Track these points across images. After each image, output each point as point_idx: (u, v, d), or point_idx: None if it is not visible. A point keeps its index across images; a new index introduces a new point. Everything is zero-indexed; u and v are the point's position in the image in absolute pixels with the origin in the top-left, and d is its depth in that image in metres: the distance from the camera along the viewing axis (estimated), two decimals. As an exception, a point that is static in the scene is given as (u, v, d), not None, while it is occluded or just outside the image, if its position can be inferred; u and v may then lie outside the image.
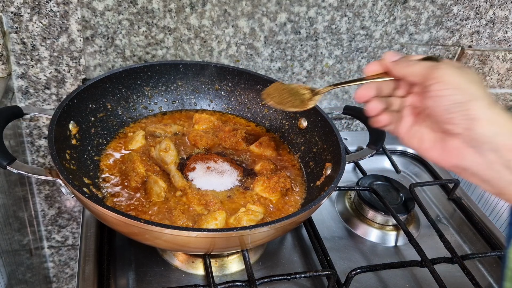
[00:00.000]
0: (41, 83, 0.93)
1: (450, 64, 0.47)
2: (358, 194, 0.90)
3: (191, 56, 0.98)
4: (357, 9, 1.00)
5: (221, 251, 0.69)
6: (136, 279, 0.68)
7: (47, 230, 1.18)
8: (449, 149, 0.48)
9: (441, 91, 0.46)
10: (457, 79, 0.46)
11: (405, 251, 0.84)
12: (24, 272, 1.02)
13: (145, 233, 0.56)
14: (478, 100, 0.44)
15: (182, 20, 0.93)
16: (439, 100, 0.47)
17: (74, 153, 0.72)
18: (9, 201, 0.91)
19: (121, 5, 0.88)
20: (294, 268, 0.75)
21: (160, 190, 0.71)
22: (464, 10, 1.08)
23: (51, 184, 1.08)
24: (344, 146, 0.74)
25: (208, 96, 0.95)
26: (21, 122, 0.98)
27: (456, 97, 0.45)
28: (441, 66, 0.47)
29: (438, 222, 0.92)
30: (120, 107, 0.85)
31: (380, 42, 1.07)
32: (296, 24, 0.99)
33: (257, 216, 0.69)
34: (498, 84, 1.22)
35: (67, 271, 1.29)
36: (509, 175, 0.44)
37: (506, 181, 0.45)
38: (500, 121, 0.44)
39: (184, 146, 0.84)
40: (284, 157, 0.86)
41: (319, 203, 0.62)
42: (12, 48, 0.87)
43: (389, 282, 0.76)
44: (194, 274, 0.71)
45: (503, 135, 0.44)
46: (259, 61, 1.03)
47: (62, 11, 0.86)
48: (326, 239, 0.79)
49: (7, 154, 0.62)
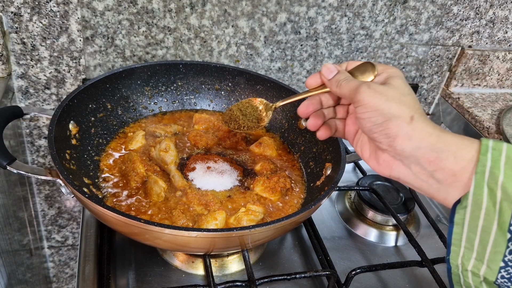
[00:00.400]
0: (41, 83, 0.93)
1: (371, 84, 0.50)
2: (358, 194, 0.90)
3: (191, 56, 0.98)
4: (357, 9, 1.00)
5: (221, 251, 0.69)
6: (136, 279, 0.68)
7: (47, 230, 1.18)
8: (381, 161, 0.52)
9: (362, 114, 0.49)
10: (375, 101, 0.48)
11: (405, 251, 0.84)
12: (24, 272, 1.02)
13: (145, 233, 0.56)
14: (395, 119, 0.47)
15: (182, 20, 0.93)
16: (362, 121, 0.50)
17: (74, 153, 0.72)
18: (9, 201, 0.91)
19: (121, 5, 0.88)
20: (294, 268, 0.75)
21: (160, 190, 0.71)
22: (464, 10, 1.08)
23: (51, 184, 1.08)
24: (344, 146, 0.74)
25: (208, 96, 0.95)
26: (21, 122, 0.98)
27: (375, 118, 0.48)
28: (361, 89, 0.49)
29: (438, 222, 0.92)
30: (120, 107, 0.85)
31: (380, 42, 1.07)
32: (296, 24, 0.99)
33: (257, 216, 0.69)
34: (498, 84, 1.22)
35: (67, 271, 1.29)
36: (435, 184, 0.47)
37: (434, 189, 0.47)
38: (419, 136, 0.47)
39: (184, 146, 0.84)
40: (284, 157, 0.86)
41: (319, 203, 0.62)
42: (12, 48, 0.87)
43: (389, 282, 0.76)
44: (194, 274, 0.71)
45: (422, 148, 0.46)
46: (259, 61, 1.03)
47: (62, 11, 0.86)
48: (326, 239, 0.79)
49: (7, 154, 0.62)
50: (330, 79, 0.55)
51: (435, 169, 0.46)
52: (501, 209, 0.42)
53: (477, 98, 1.19)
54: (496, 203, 0.42)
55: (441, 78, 1.20)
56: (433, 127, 0.47)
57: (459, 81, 1.19)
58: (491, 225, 0.43)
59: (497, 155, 0.42)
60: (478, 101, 1.17)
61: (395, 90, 0.49)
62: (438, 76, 1.19)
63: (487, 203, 0.42)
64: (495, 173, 0.42)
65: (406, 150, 0.47)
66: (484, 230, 0.43)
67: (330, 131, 0.60)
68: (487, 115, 1.11)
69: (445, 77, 1.19)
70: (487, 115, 1.11)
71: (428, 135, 0.46)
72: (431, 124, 0.47)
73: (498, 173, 0.42)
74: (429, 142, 0.46)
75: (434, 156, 0.46)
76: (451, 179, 0.45)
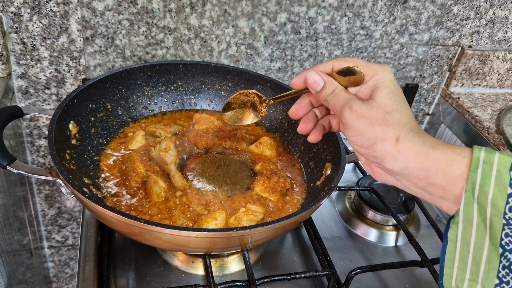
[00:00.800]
0: (41, 83, 0.93)
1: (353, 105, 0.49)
2: (358, 194, 0.90)
3: (191, 56, 0.98)
4: (357, 9, 1.00)
5: (221, 251, 0.69)
6: (136, 279, 0.68)
7: (47, 230, 1.18)
8: (374, 171, 0.53)
9: (348, 136, 0.50)
10: (359, 125, 0.48)
11: (405, 251, 0.84)
12: (24, 272, 1.02)
13: (145, 233, 0.56)
14: (379, 143, 0.47)
15: (182, 20, 0.93)
16: (350, 143, 0.51)
17: (74, 153, 0.72)
18: (9, 201, 0.91)
19: (121, 5, 0.88)
20: (294, 268, 0.75)
21: (160, 190, 0.71)
22: (464, 10, 1.08)
23: (51, 184, 1.08)
24: (344, 146, 0.74)
25: (208, 96, 0.95)
26: (21, 122, 0.98)
27: (361, 142, 0.49)
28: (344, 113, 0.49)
29: (438, 222, 0.92)
30: (120, 107, 0.85)
31: (380, 42, 1.07)
32: (296, 24, 0.99)
33: (257, 216, 0.69)
34: (498, 84, 1.22)
35: (67, 271, 1.29)
36: (428, 195, 0.47)
37: (427, 198, 0.48)
38: (406, 157, 0.46)
39: (184, 146, 0.84)
40: (284, 157, 0.86)
41: (319, 203, 0.62)
42: (12, 48, 0.87)
43: (389, 282, 0.76)
44: (194, 274, 0.71)
45: (411, 168, 0.46)
46: (259, 61, 1.03)
47: (62, 11, 0.86)
48: (326, 239, 0.79)
49: (7, 154, 0.62)
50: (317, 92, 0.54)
51: (425, 185, 0.46)
52: (491, 225, 0.42)
53: (477, 98, 1.19)
54: (487, 219, 0.42)
55: (441, 78, 1.20)
56: (421, 145, 0.46)
57: (459, 81, 1.19)
58: (483, 241, 0.42)
59: (487, 170, 0.42)
60: (478, 101, 1.17)
61: (379, 109, 0.48)
62: (438, 76, 1.19)
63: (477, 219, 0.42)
64: (485, 189, 0.42)
65: (395, 169, 0.48)
66: (476, 247, 0.43)
67: (321, 133, 0.59)
68: (487, 115, 1.11)
69: (445, 77, 1.19)
70: (487, 115, 1.11)
71: (415, 155, 0.46)
72: (418, 141, 0.46)
73: (488, 189, 0.42)
74: (416, 162, 0.46)
75: (423, 174, 0.46)
76: (442, 192, 0.45)
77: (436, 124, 1.25)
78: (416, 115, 1.25)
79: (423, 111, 1.25)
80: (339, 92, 0.52)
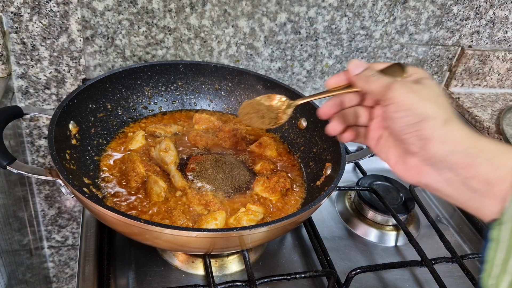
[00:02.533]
0: (41, 83, 0.93)
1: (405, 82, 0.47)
2: (358, 194, 0.90)
3: (191, 56, 0.98)
4: (357, 9, 1.00)
5: (221, 251, 0.69)
6: (136, 279, 0.68)
7: (47, 230, 1.18)
8: (409, 166, 0.48)
9: (394, 113, 0.46)
10: (409, 99, 0.45)
11: (405, 251, 0.84)
12: (24, 272, 1.02)
13: (145, 233, 0.56)
14: (429, 120, 0.44)
15: (182, 20, 0.93)
16: (393, 121, 0.47)
17: (74, 153, 0.72)
18: (9, 201, 0.91)
19: (121, 5, 0.88)
20: (294, 268, 0.75)
21: (160, 190, 0.71)
22: (464, 10, 1.08)
23: (51, 184, 1.08)
24: (344, 146, 0.74)
25: (208, 96, 0.95)
26: (21, 122, 0.98)
27: (408, 118, 0.45)
28: (394, 86, 0.46)
29: (438, 222, 0.92)
30: (120, 107, 0.85)
31: (380, 42, 1.07)
32: (296, 24, 0.99)
33: (257, 216, 0.69)
34: (498, 84, 1.22)
35: (67, 271, 1.29)
36: (469, 193, 0.44)
37: (466, 198, 0.44)
38: (454, 139, 0.44)
39: (184, 146, 0.84)
40: (284, 157, 0.86)
41: (319, 203, 0.62)
42: (12, 48, 0.87)
43: (389, 282, 0.76)
44: (194, 274, 0.71)
45: (457, 153, 0.43)
46: (259, 61, 1.03)
47: (62, 11, 0.86)
48: (326, 239, 0.79)
49: (7, 154, 0.62)
50: (358, 74, 0.51)
51: (469, 176, 0.43)
52: None
53: (477, 98, 1.19)
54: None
55: (441, 78, 1.20)
56: (469, 131, 0.44)
57: (459, 81, 1.19)
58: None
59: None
60: (478, 101, 1.17)
61: (430, 90, 0.46)
62: (438, 76, 1.19)
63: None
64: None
65: (439, 154, 0.44)
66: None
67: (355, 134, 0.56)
68: (487, 115, 1.11)
69: (445, 77, 1.19)
70: (487, 115, 1.11)
71: (463, 139, 0.43)
72: (467, 128, 0.44)
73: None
74: (464, 146, 0.43)
75: (468, 162, 0.43)
76: (486, 188, 0.42)
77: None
78: (416, 115, 1.25)
79: (423, 111, 1.25)
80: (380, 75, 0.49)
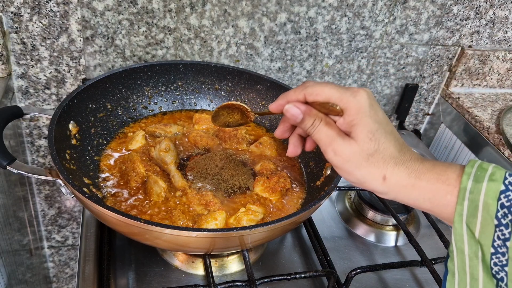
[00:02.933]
0: (41, 83, 0.93)
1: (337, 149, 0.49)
2: (358, 194, 0.90)
3: (191, 56, 0.98)
4: (357, 9, 1.00)
5: (221, 251, 0.69)
6: (136, 279, 0.68)
7: (47, 230, 1.18)
8: None
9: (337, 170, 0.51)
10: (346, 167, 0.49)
11: (405, 251, 0.84)
12: (24, 272, 1.02)
13: (145, 233, 0.56)
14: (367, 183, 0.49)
15: (182, 20, 0.93)
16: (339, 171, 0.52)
17: (74, 153, 0.72)
18: (9, 201, 0.91)
19: (121, 5, 0.88)
20: (294, 268, 0.75)
21: (160, 190, 0.71)
22: (464, 10, 1.08)
23: (51, 184, 1.08)
24: (344, 146, 0.74)
25: (208, 96, 0.95)
26: (21, 122, 0.98)
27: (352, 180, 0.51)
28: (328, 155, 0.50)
29: (438, 222, 0.92)
30: (120, 107, 0.85)
31: (380, 42, 1.07)
32: (296, 24, 0.99)
33: (257, 216, 0.69)
34: (498, 84, 1.22)
35: (67, 271, 1.29)
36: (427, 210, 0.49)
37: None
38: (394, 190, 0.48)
39: (184, 146, 0.84)
40: (284, 157, 0.86)
41: (319, 203, 0.62)
42: (12, 48, 0.87)
43: (389, 282, 0.76)
44: (194, 274, 0.71)
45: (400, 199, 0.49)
46: (259, 61, 1.03)
47: (62, 11, 0.86)
48: (326, 239, 0.79)
49: (7, 154, 0.62)
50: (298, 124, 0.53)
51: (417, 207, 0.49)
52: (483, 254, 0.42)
53: (477, 98, 1.19)
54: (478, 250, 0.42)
55: (441, 78, 1.20)
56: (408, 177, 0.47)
57: (459, 81, 1.19)
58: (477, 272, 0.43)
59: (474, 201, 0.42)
60: (478, 101, 1.17)
61: (361, 152, 0.48)
62: (438, 76, 1.19)
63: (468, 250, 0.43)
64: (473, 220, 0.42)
65: (387, 197, 0.50)
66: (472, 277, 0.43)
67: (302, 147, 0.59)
68: (487, 115, 1.11)
69: (445, 77, 1.19)
70: (487, 115, 1.11)
71: (402, 189, 0.47)
72: (404, 174, 0.47)
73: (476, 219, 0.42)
74: (404, 194, 0.48)
75: (412, 203, 0.48)
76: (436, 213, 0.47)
77: (436, 124, 1.25)
78: (416, 115, 1.25)
79: (423, 111, 1.25)
80: (320, 127, 0.50)
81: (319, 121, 0.50)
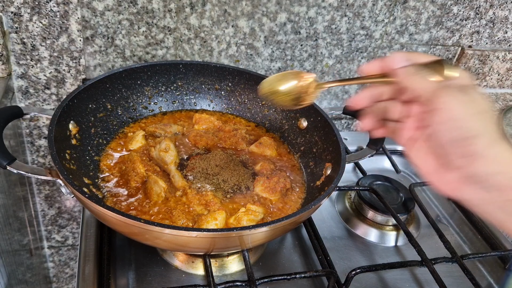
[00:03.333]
0: (41, 83, 0.93)
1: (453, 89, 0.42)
2: (358, 194, 0.90)
3: (191, 56, 0.98)
4: (357, 9, 1.00)
5: (221, 251, 0.69)
6: (136, 279, 0.68)
7: (47, 230, 1.18)
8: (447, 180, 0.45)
9: (440, 123, 0.42)
10: (458, 111, 0.41)
11: (405, 251, 0.84)
12: (24, 272, 1.02)
13: (145, 233, 0.56)
14: (478, 137, 0.41)
15: (182, 20, 0.93)
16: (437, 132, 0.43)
17: (74, 153, 0.72)
18: (9, 201, 0.91)
19: (121, 5, 0.88)
20: (294, 268, 0.75)
21: (160, 190, 0.71)
22: (464, 10, 1.08)
23: (51, 184, 1.08)
24: (344, 146, 0.74)
25: (208, 96, 0.95)
26: (21, 122, 0.98)
27: (455, 132, 0.41)
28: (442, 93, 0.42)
29: (438, 222, 0.92)
30: (120, 107, 0.85)
31: (380, 42, 1.07)
32: (296, 24, 0.99)
33: (257, 216, 0.69)
34: (498, 84, 1.22)
35: (67, 271, 1.29)
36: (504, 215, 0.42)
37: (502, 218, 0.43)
38: (502, 161, 0.41)
39: (184, 146, 0.84)
40: (284, 157, 0.86)
41: (319, 203, 0.62)
42: (12, 48, 0.87)
43: (389, 282, 0.76)
44: (194, 274, 0.71)
45: (503, 175, 0.41)
46: (259, 61, 1.03)
47: (62, 11, 0.86)
48: (326, 239, 0.79)
49: (7, 154, 0.62)
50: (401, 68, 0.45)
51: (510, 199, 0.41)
52: None
53: (477, 98, 1.19)
54: None
55: (441, 78, 1.19)
56: None
57: (459, 81, 1.19)
58: None
59: None
60: (478, 101, 1.17)
61: (477, 104, 0.42)
62: (438, 76, 1.19)
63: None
64: None
65: (485, 173, 0.41)
66: None
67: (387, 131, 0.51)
68: (487, 115, 1.11)
69: (445, 77, 1.19)
70: (487, 115, 1.11)
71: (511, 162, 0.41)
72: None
73: None
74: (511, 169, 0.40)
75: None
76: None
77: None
78: (416, 115, 1.25)
79: (423, 111, 1.25)
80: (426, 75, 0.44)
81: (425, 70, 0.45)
